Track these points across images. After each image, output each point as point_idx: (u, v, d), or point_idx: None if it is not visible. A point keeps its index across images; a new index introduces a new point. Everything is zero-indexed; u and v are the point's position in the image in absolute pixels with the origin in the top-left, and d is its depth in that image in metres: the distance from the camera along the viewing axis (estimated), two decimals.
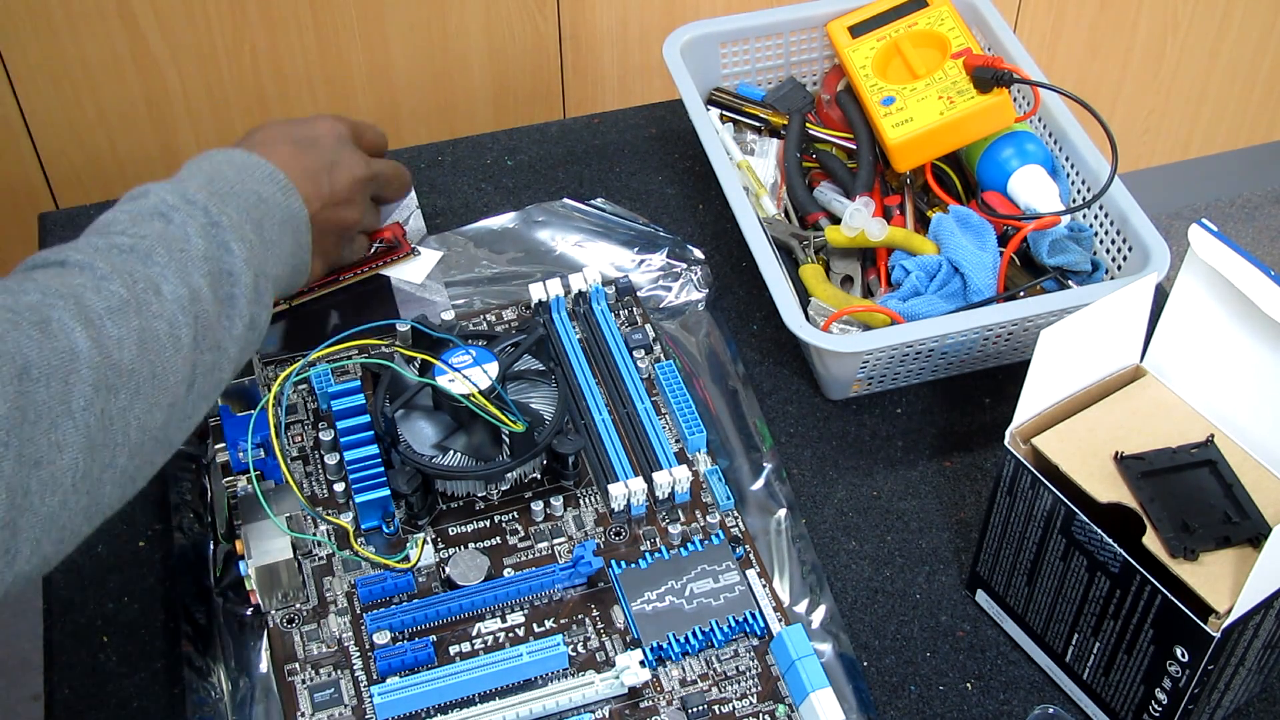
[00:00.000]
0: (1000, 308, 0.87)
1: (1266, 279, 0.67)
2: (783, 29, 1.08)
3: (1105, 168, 0.94)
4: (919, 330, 0.85)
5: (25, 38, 1.48)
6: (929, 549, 0.84)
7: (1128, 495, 0.69)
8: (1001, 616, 0.79)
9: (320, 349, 0.84)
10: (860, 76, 1.02)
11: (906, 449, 0.89)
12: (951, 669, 0.78)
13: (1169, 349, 0.75)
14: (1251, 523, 0.67)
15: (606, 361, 0.89)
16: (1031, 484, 0.71)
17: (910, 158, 0.98)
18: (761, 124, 1.06)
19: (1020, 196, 0.95)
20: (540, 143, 1.11)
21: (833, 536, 0.84)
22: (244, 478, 0.81)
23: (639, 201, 1.06)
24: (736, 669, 0.75)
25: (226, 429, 0.82)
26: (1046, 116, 1.00)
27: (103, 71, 1.52)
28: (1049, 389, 0.72)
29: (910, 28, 1.03)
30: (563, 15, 1.66)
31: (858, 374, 0.88)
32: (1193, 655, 0.66)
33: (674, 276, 0.98)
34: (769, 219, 0.99)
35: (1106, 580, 0.69)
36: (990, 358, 0.92)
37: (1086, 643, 0.73)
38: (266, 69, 1.58)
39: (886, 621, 0.80)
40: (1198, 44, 2.02)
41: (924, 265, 0.91)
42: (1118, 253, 0.92)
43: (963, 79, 0.97)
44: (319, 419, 0.86)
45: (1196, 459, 0.71)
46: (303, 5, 1.54)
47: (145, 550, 0.82)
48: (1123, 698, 0.72)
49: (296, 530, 0.78)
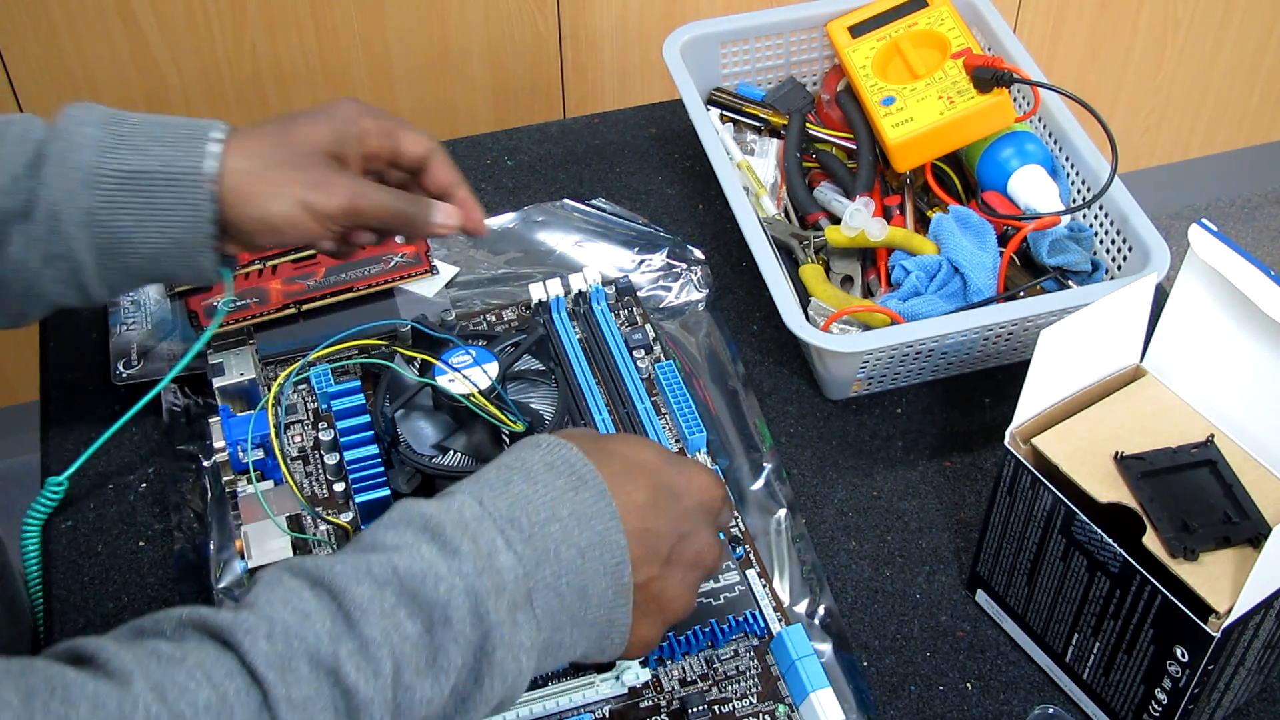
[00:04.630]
0: (1000, 308, 0.87)
1: (1266, 279, 0.67)
2: (783, 29, 1.08)
3: (1105, 168, 0.94)
4: (919, 330, 0.85)
5: (25, 38, 1.48)
6: (929, 549, 0.84)
7: (1128, 495, 0.69)
8: (1001, 616, 0.79)
9: (320, 349, 0.84)
10: (860, 76, 1.02)
11: (906, 449, 0.89)
12: (951, 669, 0.78)
13: (1169, 349, 0.75)
14: (1251, 523, 0.67)
15: (606, 361, 0.89)
16: (1031, 484, 0.71)
17: (910, 158, 0.98)
18: (761, 124, 1.06)
19: (1020, 196, 0.95)
20: (540, 143, 1.11)
21: (833, 536, 0.84)
22: (244, 478, 0.81)
23: (639, 201, 1.06)
24: (737, 669, 0.75)
25: (226, 429, 0.81)
26: (1046, 116, 1.00)
27: (103, 71, 1.52)
28: (1049, 389, 0.72)
29: (910, 28, 1.03)
30: (563, 15, 1.66)
31: (858, 374, 0.88)
32: (1193, 655, 0.66)
33: (674, 277, 0.98)
34: (769, 219, 0.99)
35: (1106, 580, 0.69)
36: (990, 358, 0.92)
37: (1086, 643, 0.73)
38: (266, 69, 1.58)
39: (886, 621, 0.80)
40: (1198, 44, 2.02)
41: (924, 265, 0.91)
42: (1118, 253, 0.92)
43: (963, 79, 0.97)
44: (319, 419, 0.86)
45: (1196, 459, 0.71)
46: (303, 5, 1.54)
47: (145, 550, 0.82)
48: (1123, 698, 0.72)
49: (296, 530, 0.78)
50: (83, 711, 0.51)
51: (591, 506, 0.63)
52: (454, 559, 0.59)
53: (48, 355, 0.94)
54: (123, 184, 0.74)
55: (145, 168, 0.74)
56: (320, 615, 0.56)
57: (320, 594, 0.57)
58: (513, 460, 0.65)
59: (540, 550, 0.61)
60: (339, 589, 0.57)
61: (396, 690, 0.57)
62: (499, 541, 0.60)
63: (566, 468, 0.64)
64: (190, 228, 0.75)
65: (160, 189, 0.74)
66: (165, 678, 0.53)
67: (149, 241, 0.75)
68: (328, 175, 0.76)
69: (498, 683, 0.59)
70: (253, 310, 0.92)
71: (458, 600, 0.58)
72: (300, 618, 0.56)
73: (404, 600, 0.58)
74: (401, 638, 0.57)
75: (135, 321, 0.93)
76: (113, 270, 0.75)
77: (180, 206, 0.74)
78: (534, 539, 0.61)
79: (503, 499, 0.62)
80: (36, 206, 0.73)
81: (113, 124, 0.74)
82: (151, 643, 0.55)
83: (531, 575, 0.61)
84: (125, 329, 0.93)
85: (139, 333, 0.92)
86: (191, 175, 0.74)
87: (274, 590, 0.57)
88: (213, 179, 0.74)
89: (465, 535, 0.60)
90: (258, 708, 0.54)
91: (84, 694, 0.51)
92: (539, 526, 0.62)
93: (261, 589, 0.58)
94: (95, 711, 0.51)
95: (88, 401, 0.90)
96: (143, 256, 0.75)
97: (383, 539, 0.60)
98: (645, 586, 0.66)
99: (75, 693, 0.51)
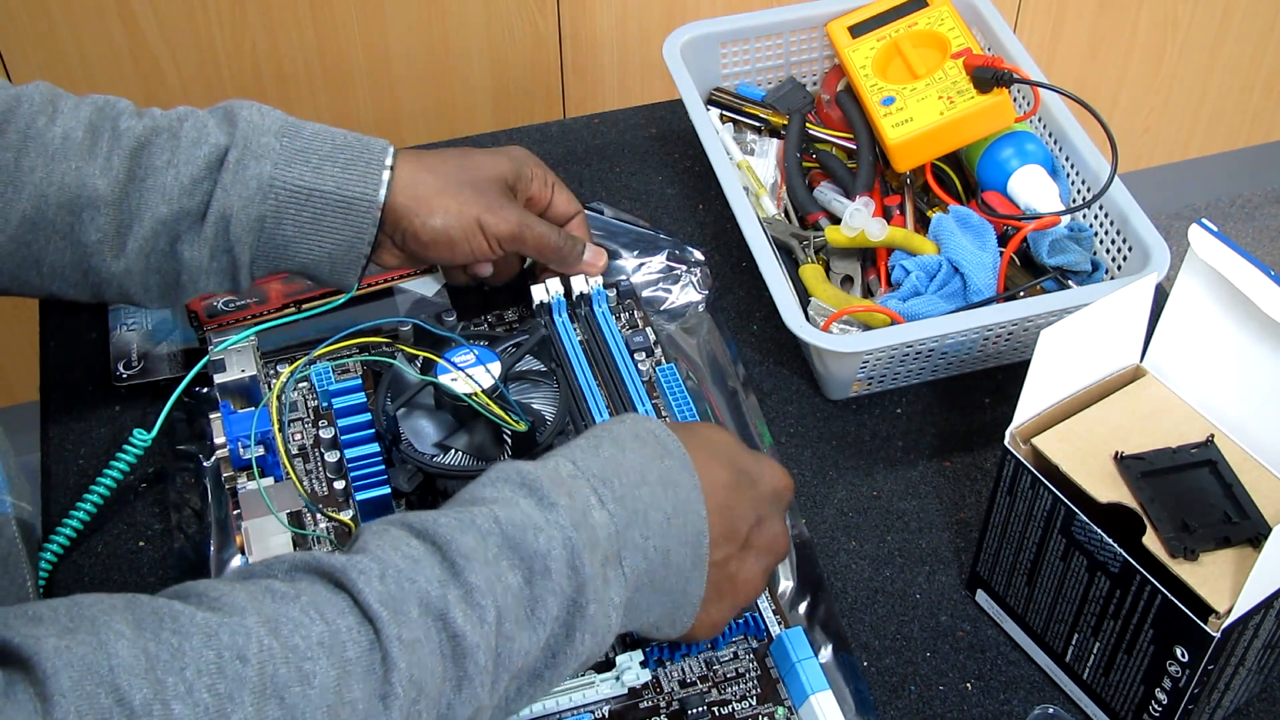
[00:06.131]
0: (1000, 308, 0.87)
1: (1266, 279, 0.67)
2: (783, 29, 1.08)
3: (1105, 168, 0.94)
4: (919, 330, 0.85)
5: (25, 38, 1.48)
6: (929, 549, 0.84)
7: (1128, 495, 0.69)
8: (1001, 616, 0.79)
9: (322, 347, 0.84)
10: (860, 76, 1.02)
11: (906, 449, 0.89)
12: (951, 669, 0.78)
13: (1169, 349, 0.75)
14: (1251, 523, 0.67)
15: (607, 363, 0.89)
16: (1031, 484, 0.71)
17: (910, 158, 0.98)
18: (761, 124, 1.06)
19: (1020, 196, 0.95)
20: (540, 143, 1.11)
21: (833, 536, 0.84)
22: (245, 474, 0.81)
23: (639, 202, 1.06)
24: (736, 671, 0.75)
25: (228, 426, 0.81)
26: (1046, 116, 1.00)
27: (103, 71, 1.52)
28: (1049, 389, 0.72)
29: (910, 28, 1.03)
30: (563, 15, 1.66)
31: (858, 374, 0.88)
32: (1193, 655, 0.66)
33: (674, 279, 0.98)
34: (769, 219, 0.99)
35: (1106, 580, 0.69)
36: (990, 358, 0.92)
37: (1086, 643, 0.73)
38: (267, 68, 1.58)
39: (886, 621, 0.80)
40: (1198, 44, 2.02)
41: (924, 265, 0.92)
42: (1118, 253, 0.92)
43: (963, 79, 0.97)
44: (319, 417, 0.86)
45: (1196, 459, 0.71)
46: (303, 5, 1.54)
47: (145, 550, 0.82)
48: (1123, 698, 0.72)
49: (297, 527, 0.78)
50: (195, 642, 0.51)
51: (677, 475, 0.66)
52: (551, 511, 0.60)
53: (48, 355, 0.94)
54: (295, 197, 0.79)
55: (319, 187, 0.79)
56: (429, 561, 0.58)
57: (426, 544, 0.59)
58: (600, 431, 0.67)
59: (630, 510, 0.63)
60: (444, 539, 0.58)
61: (499, 639, 0.58)
62: (593, 499, 0.62)
63: (653, 439, 0.67)
64: (350, 246, 0.81)
65: (330, 209, 0.80)
66: (278, 612, 0.54)
67: (308, 252, 0.81)
68: (503, 202, 0.86)
69: (588, 637, 0.61)
70: (253, 310, 0.92)
71: (556, 551, 0.60)
72: (410, 562, 0.57)
73: (505, 550, 0.59)
74: (504, 588, 0.58)
75: (135, 322, 0.93)
76: (263, 268, 0.82)
77: (346, 228, 0.81)
78: (625, 499, 0.63)
79: (594, 461, 0.64)
80: (211, 209, 0.78)
81: (288, 135, 0.80)
82: (264, 581, 0.56)
83: (622, 534, 0.62)
84: (125, 329, 0.93)
85: (139, 333, 0.92)
86: (363, 201, 0.80)
87: (382, 538, 0.58)
88: (380, 205, 0.81)
89: (562, 490, 0.61)
90: (369, 644, 0.54)
91: (195, 624, 0.52)
92: (630, 488, 0.63)
93: (370, 537, 0.59)
94: (208, 641, 0.51)
95: (88, 401, 0.90)
96: (297, 262, 0.82)
97: (481, 494, 0.62)
98: (722, 565, 0.68)
99: (186, 623, 0.52)
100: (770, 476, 0.71)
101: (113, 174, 0.77)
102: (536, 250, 0.88)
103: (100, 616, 0.51)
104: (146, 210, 0.78)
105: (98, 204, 0.77)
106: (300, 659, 0.53)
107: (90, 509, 0.81)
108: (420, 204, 0.83)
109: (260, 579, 0.56)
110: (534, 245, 0.87)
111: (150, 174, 0.78)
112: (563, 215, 0.92)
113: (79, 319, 0.95)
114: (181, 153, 0.78)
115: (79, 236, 0.77)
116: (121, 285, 0.80)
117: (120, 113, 0.80)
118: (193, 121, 0.80)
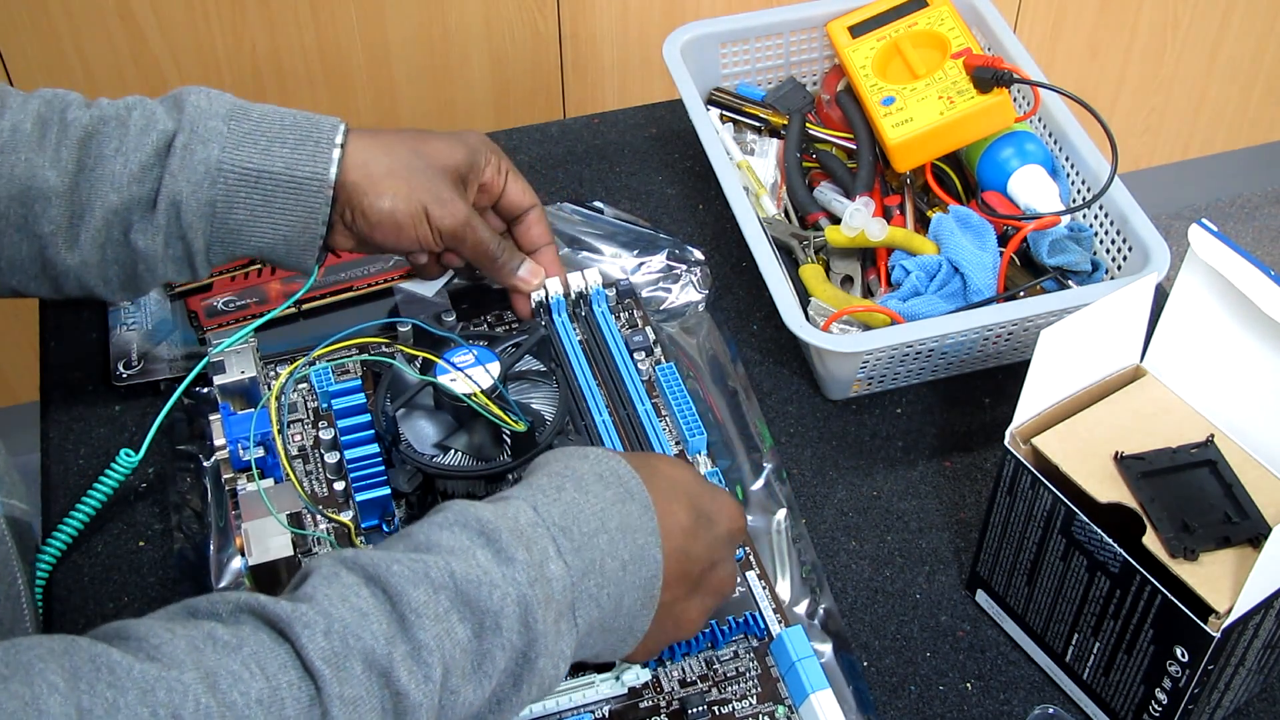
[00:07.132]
0: (1000, 308, 0.87)
1: (1266, 279, 0.67)
2: (783, 29, 1.08)
3: (1105, 168, 0.94)
4: (919, 330, 0.85)
5: (25, 38, 1.48)
6: (929, 549, 0.84)
7: (1128, 495, 0.69)
8: (1001, 616, 0.79)
9: (321, 347, 0.84)
10: (860, 76, 1.02)
11: (906, 449, 0.89)
12: (951, 669, 0.78)
13: (1169, 349, 0.75)
14: (1251, 523, 0.67)
15: (607, 363, 0.89)
16: (1031, 484, 0.71)
17: (910, 158, 0.98)
18: (761, 124, 1.06)
19: (1020, 196, 0.95)
20: (540, 143, 1.11)
21: (833, 536, 0.84)
22: (244, 475, 0.81)
23: (639, 202, 1.06)
24: (736, 670, 0.75)
25: (227, 427, 0.81)
26: (1046, 116, 1.00)
27: (103, 71, 1.52)
28: (1049, 389, 0.72)
29: (910, 28, 1.03)
30: (563, 15, 1.66)
31: (858, 374, 0.88)
32: (1193, 655, 0.66)
33: (674, 278, 0.98)
34: (769, 219, 0.99)
35: (1106, 580, 0.69)
36: (990, 358, 0.92)
37: (1086, 643, 0.73)
38: (267, 68, 1.58)
39: (886, 621, 0.80)
40: (1198, 44, 2.02)
41: (924, 265, 0.91)
42: (1118, 253, 0.92)
43: (963, 79, 0.97)
44: (319, 417, 0.86)
45: (1196, 459, 0.71)
46: (303, 5, 1.54)
47: (145, 550, 0.82)
48: (1123, 698, 0.72)
49: (297, 528, 0.78)
50: (130, 697, 0.50)
51: (636, 520, 0.65)
52: (508, 566, 0.60)
53: (48, 355, 0.94)
54: (244, 180, 0.78)
55: (267, 168, 0.78)
56: (377, 616, 0.57)
57: (376, 593, 0.57)
58: (563, 469, 0.66)
59: (587, 561, 0.62)
60: (395, 590, 0.57)
61: (443, 694, 0.57)
62: (551, 550, 0.61)
63: (616, 480, 0.66)
64: (304, 228, 0.80)
65: (280, 190, 0.79)
66: (218, 665, 0.53)
67: (262, 235, 0.80)
68: (452, 194, 0.83)
69: (535, 688, 0.61)
70: (253, 310, 0.92)
71: (509, 609, 0.59)
72: (358, 616, 0.56)
73: (457, 605, 0.58)
74: (453, 643, 0.57)
75: (135, 322, 0.93)
76: (219, 254, 0.80)
77: (298, 208, 0.79)
78: (583, 549, 0.62)
79: (555, 506, 0.63)
80: (161, 196, 0.77)
81: (236, 118, 0.78)
82: (207, 624, 0.55)
83: (578, 585, 0.62)
84: (125, 329, 0.93)
85: (139, 333, 0.92)
86: (313, 180, 0.79)
87: (331, 585, 0.57)
88: (332, 184, 0.79)
89: (520, 542, 0.61)
90: (309, 702, 0.54)
91: (132, 678, 0.51)
92: (588, 537, 0.63)
93: (319, 582, 0.58)
94: (143, 697, 0.50)
95: (88, 401, 0.90)
96: (252, 246, 0.80)
97: (438, 539, 0.61)
98: (669, 605, 0.67)
99: (123, 676, 0.51)
100: (727, 516, 0.70)
101: (62, 164, 0.76)
102: (473, 253, 0.85)
103: (36, 664, 0.50)
104: (97, 200, 0.77)
105: (49, 195, 0.76)
106: (238, 717, 0.52)
107: (77, 525, 0.82)
108: (371, 183, 0.80)
109: (204, 620, 0.56)
110: (472, 246, 0.85)
111: (99, 163, 0.77)
112: (516, 206, 0.89)
113: (79, 319, 0.95)
114: (130, 140, 0.77)
115: (34, 229, 0.77)
116: (79, 277, 0.79)
117: (68, 104, 0.79)
118: (141, 110, 0.79)
